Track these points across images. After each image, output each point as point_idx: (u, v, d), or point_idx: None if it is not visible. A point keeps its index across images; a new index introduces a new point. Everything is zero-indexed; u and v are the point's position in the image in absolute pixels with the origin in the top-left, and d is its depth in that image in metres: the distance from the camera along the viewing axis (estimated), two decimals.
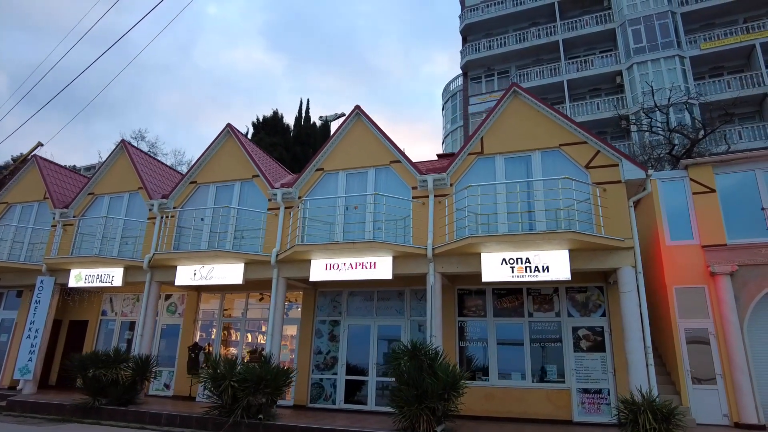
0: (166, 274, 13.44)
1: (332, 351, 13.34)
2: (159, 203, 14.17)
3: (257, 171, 13.61)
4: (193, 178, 14.39)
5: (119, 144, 15.81)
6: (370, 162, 12.74)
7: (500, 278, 10.55)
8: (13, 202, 16.75)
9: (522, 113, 11.84)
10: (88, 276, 14.22)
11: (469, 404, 10.52)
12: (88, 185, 15.70)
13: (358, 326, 13.36)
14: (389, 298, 13.34)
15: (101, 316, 16.27)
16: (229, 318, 14.90)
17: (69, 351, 16.11)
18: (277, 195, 12.98)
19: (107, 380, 12.08)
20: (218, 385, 10.51)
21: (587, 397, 11.22)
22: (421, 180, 11.84)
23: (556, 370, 11.63)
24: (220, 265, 12.70)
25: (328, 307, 13.81)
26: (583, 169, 11.08)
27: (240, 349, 14.35)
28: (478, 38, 34.84)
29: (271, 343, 11.97)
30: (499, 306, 12.43)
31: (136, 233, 14.61)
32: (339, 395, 12.87)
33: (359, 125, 13.14)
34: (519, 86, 11.98)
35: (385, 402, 12.43)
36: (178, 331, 14.97)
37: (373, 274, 11.46)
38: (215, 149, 14.43)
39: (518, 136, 11.69)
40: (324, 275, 11.85)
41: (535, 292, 12.27)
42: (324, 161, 13.18)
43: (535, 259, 10.42)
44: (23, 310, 15.76)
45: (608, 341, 11.40)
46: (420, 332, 12.75)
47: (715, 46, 27.25)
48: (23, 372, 14.02)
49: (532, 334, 12.00)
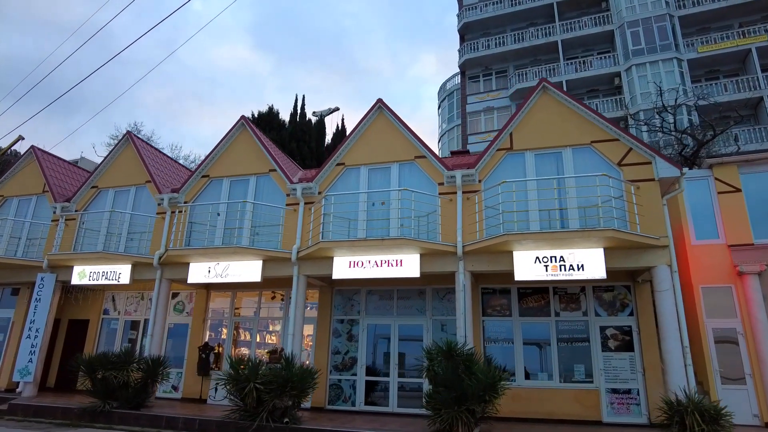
0: (177, 271, 12.90)
1: (351, 351, 12.97)
2: (169, 197, 13.60)
3: (274, 165, 13.16)
4: (205, 171, 13.86)
5: (124, 136, 15.17)
6: (393, 157, 12.41)
7: (534, 277, 10.34)
8: (9, 196, 15.96)
9: (551, 109, 11.65)
10: (92, 273, 13.58)
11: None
12: (91, 178, 15.02)
13: (378, 326, 13.01)
14: (409, 297, 13.02)
15: (103, 315, 15.60)
16: (239, 317, 14.40)
17: (68, 351, 15.44)
18: (296, 190, 12.55)
19: (118, 382, 11.54)
20: (242, 387, 10.05)
21: (616, 397, 11.08)
22: (449, 176, 11.55)
23: (584, 370, 11.46)
24: (236, 262, 12.22)
25: (345, 306, 13.43)
26: (615, 167, 10.92)
27: (253, 350, 13.88)
28: (476, 37, 34.76)
29: (292, 343, 11.55)
30: (525, 305, 12.21)
31: (143, 229, 14.02)
32: (359, 397, 12.51)
33: (381, 119, 12.79)
34: (548, 81, 11.79)
35: (408, 404, 12.19)
36: (186, 331, 14.41)
37: (399, 272, 11.13)
38: (228, 142, 13.92)
39: (548, 132, 11.50)
40: (347, 273, 11.48)
41: (562, 291, 12.09)
42: (345, 156, 12.80)
43: (569, 257, 10.24)
44: (20, 308, 15.02)
45: (636, 341, 11.27)
46: (443, 332, 12.48)
47: (713, 49, 27.59)
48: (23, 374, 13.32)
49: (558, 333, 11.81)
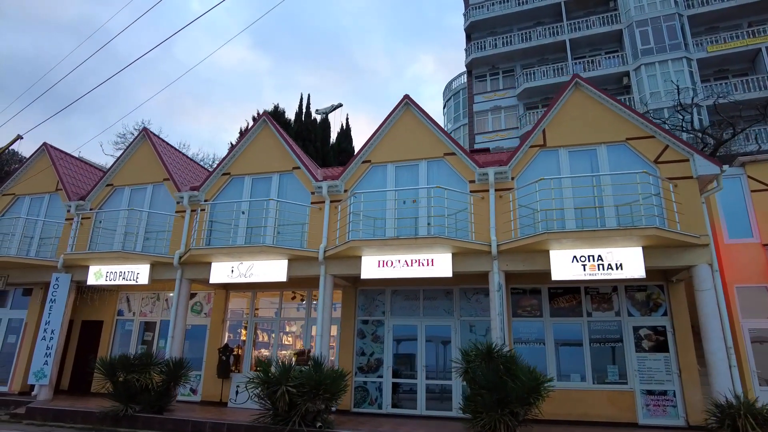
0: (198, 271, 12.59)
1: (376, 352, 12.70)
2: (189, 195, 13.28)
3: (298, 163, 12.88)
4: (225, 169, 13.54)
5: (140, 132, 14.83)
6: (421, 154, 12.15)
7: (571, 276, 10.13)
8: (20, 194, 15.56)
9: (585, 105, 11.44)
10: (109, 273, 13.24)
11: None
12: (106, 176, 14.66)
13: (404, 326, 12.75)
14: (436, 297, 12.77)
15: (117, 316, 15.24)
16: (258, 318, 14.09)
17: (82, 353, 15.10)
18: (322, 188, 12.27)
19: (140, 385, 11.21)
20: (273, 390, 9.75)
21: (652, 399, 10.87)
22: (481, 173, 11.31)
23: (617, 371, 11.25)
24: (261, 261, 11.92)
25: (369, 307, 13.16)
26: (652, 164, 10.72)
27: (275, 351, 13.58)
28: (483, 36, 34.62)
29: (320, 345, 11.26)
30: (556, 306, 11.99)
31: (160, 227, 13.69)
32: (385, 399, 12.24)
33: (408, 115, 12.54)
34: (581, 77, 11.58)
35: (436, 406, 11.94)
36: (205, 332, 14.09)
37: (430, 272, 10.89)
38: (249, 139, 13.61)
39: (582, 128, 11.28)
40: (376, 273, 11.22)
41: (593, 291, 11.88)
42: (371, 153, 12.53)
43: (607, 256, 10.03)
44: (33, 309, 14.64)
45: (671, 341, 11.08)
46: (471, 333, 12.24)
47: (722, 48, 27.53)
48: (38, 376, 12.95)
49: (591, 334, 11.60)
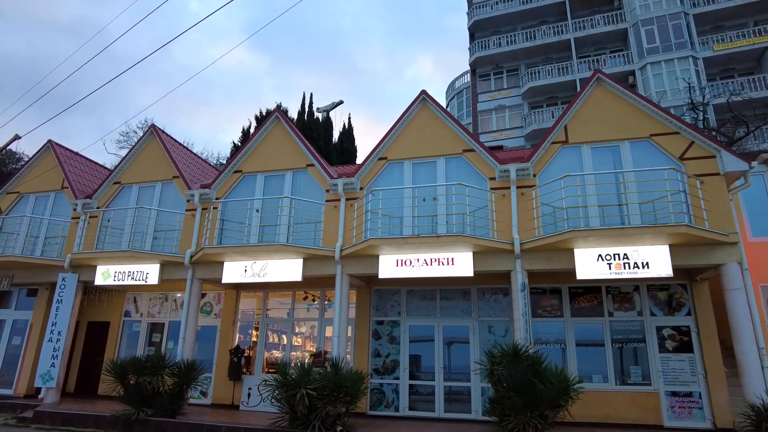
0: (210, 270, 12.29)
1: (392, 354, 12.43)
2: (200, 193, 12.99)
3: (312, 160, 12.61)
4: (237, 167, 13.25)
5: (148, 129, 14.51)
6: (439, 151, 11.90)
7: (597, 275, 9.92)
8: (25, 192, 15.21)
9: (607, 101, 11.24)
10: (118, 273, 12.93)
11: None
12: (113, 174, 14.34)
13: (420, 327, 12.49)
14: (453, 297, 12.52)
15: (124, 317, 14.91)
16: (269, 318, 13.81)
17: (88, 355, 14.78)
18: (338, 185, 12.00)
19: (152, 388, 10.91)
20: (292, 393, 9.47)
21: (677, 400, 10.65)
22: (502, 170, 11.08)
23: (640, 372, 11.03)
24: (275, 260, 11.64)
25: (384, 307, 12.89)
26: (677, 161, 10.51)
27: (288, 352, 13.29)
28: (486, 35, 34.45)
29: (338, 346, 10.99)
30: (576, 305, 11.77)
31: (170, 226, 13.38)
32: (402, 401, 11.97)
33: (425, 111, 12.29)
34: (603, 73, 11.38)
35: (454, 408, 11.70)
36: (215, 334, 13.79)
37: (450, 272, 10.64)
38: (262, 136, 13.33)
39: (605, 125, 11.07)
40: (394, 272, 10.96)
41: (615, 290, 11.66)
42: (387, 150, 12.27)
43: (633, 254, 9.81)
44: (38, 310, 14.30)
45: (696, 342, 10.86)
46: (490, 333, 12.00)
47: (729, 47, 27.43)
48: (45, 379, 12.62)
49: (613, 334, 11.37)
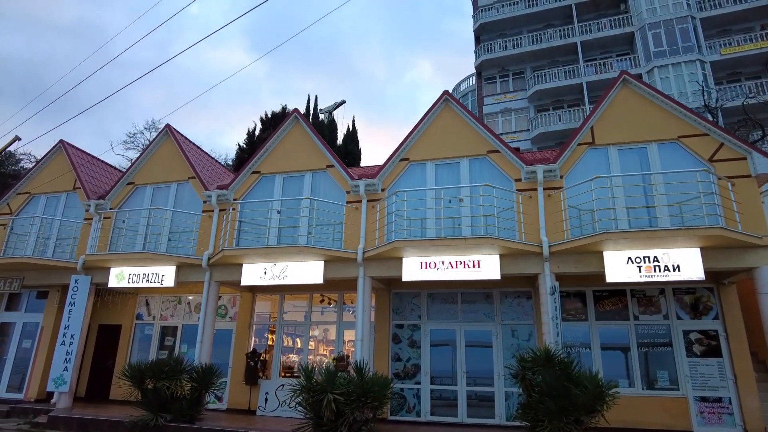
0: (227, 272, 12.07)
1: (413, 358, 12.23)
2: (217, 195, 12.77)
3: (333, 161, 12.43)
4: (255, 168, 13.05)
5: (163, 129, 14.29)
6: (462, 152, 11.74)
7: (627, 278, 9.77)
8: (36, 193, 14.96)
9: (633, 102, 11.10)
10: (132, 275, 12.69)
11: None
12: (126, 174, 14.11)
13: (442, 331, 12.30)
14: (475, 301, 12.34)
15: (136, 320, 14.65)
16: (286, 321, 13.59)
17: (99, 359, 14.52)
18: (359, 187, 11.82)
19: (171, 393, 10.67)
20: (319, 399, 9.25)
21: (706, 406, 10.48)
22: (529, 171, 10.93)
23: (668, 377, 10.87)
24: (296, 263, 11.44)
25: (404, 310, 12.70)
26: (706, 162, 10.38)
27: (305, 356, 13.08)
28: (492, 38, 34.42)
29: (361, 350, 10.78)
30: (601, 309, 11.60)
31: (186, 227, 13.14)
32: (424, 406, 11.77)
33: (448, 112, 12.13)
34: (629, 74, 11.25)
35: (478, 413, 11.50)
36: (230, 337, 13.55)
37: (476, 274, 10.46)
38: (280, 137, 13.16)
39: (631, 126, 10.94)
40: (418, 275, 10.77)
41: (640, 293, 11.51)
42: (409, 150, 12.10)
43: (664, 257, 9.66)
44: (49, 313, 14.02)
45: (724, 346, 10.71)
46: (514, 337, 11.82)
47: (736, 51, 27.44)
48: (58, 383, 12.35)
49: (639, 338, 11.21)
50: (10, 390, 13.65)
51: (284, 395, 12.54)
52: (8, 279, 13.72)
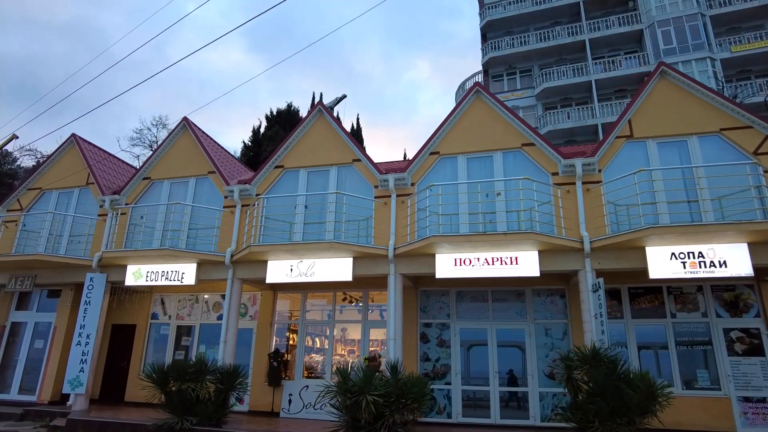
0: (252, 270, 11.68)
1: (442, 358, 11.89)
2: (240, 189, 12.37)
3: (359, 155, 12.06)
4: (278, 162, 12.66)
5: (181, 123, 13.86)
6: (496, 145, 11.42)
7: (670, 275, 9.47)
8: (47, 188, 14.48)
9: (672, 94, 10.82)
10: (150, 273, 12.26)
11: None
12: (143, 169, 13.68)
13: (472, 330, 11.96)
14: (506, 299, 12.01)
15: (151, 319, 14.21)
16: (309, 321, 13.22)
17: (112, 360, 14.06)
18: (388, 181, 11.47)
19: (196, 395, 10.26)
20: (356, 400, 8.87)
21: (750, 406, 10.20)
22: (566, 165, 10.61)
23: (708, 376, 10.58)
24: (323, 259, 11.06)
25: (432, 309, 12.35)
26: (750, 155, 10.11)
27: (329, 356, 12.70)
28: (499, 35, 34.18)
29: (394, 349, 10.42)
30: (636, 306, 11.31)
31: (205, 224, 12.72)
32: (455, 408, 11.43)
33: (479, 104, 11.80)
34: (668, 65, 10.96)
35: (510, 414, 11.18)
36: (251, 337, 13.15)
37: (514, 271, 10.13)
38: (304, 130, 12.78)
39: (671, 119, 10.66)
40: (452, 272, 10.43)
41: (676, 291, 11.22)
42: (439, 144, 11.76)
43: (709, 253, 9.37)
44: (62, 312, 13.56)
45: (767, 345, 10.44)
46: (547, 336, 11.51)
47: (746, 49, 27.32)
48: (74, 385, 11.90)
49: (677, 336, 10.92)
50: (22, 392, 13.18)
51: (309, 396, 12.20)
52: (20, 277, 13.25)
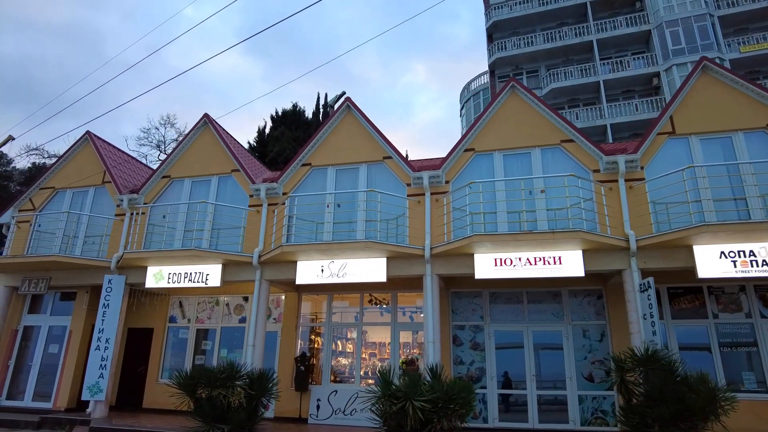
0: (280, 271, 11.27)
1: (477, 361, 11.54)
2: (266, 188, 11.97)
3: (390, 152, 11.71)
4: (305, 160, 12.27)
5: (201, 120, 13.42)
6: (534, 141, 11.11)
7: (720, 274, 9.20)
8: (60, 188, 13.98)
9: (715, 90, 10.58)
10: (172, 274, 11.81)
11: None
12: (162, 167, 13.22)
13: (507, 332, 11.63)
14: (542, 300, 11.69)
15: (169, 323, 13.75)
16: (335, 323, 12.83)
17: (129, 365, 13.57)
18: (422, 179, 11.12)
19: (227, 402, 9.83)
20: (403, 407, 8.48)
21: None
22: (608, 162, 10.32)
23: (754, 378, 10.32)
24: (356, 260, 10.69)
25: (465, 311, 12.01)
26: None
27: (358, 360, 12.31)
28: (505, 36, 34.02)
29: (432, 353, 10.06)
30: (676, 307, 11.03)
31: (230, 223, 12.30)
32: (492, 412, 11.08)
33: (515, 100, 11.51)
34: (710, 60, 10.72)
35: (548, 418, 10.85)
36: (275, 340, 12.73)
37: (558, 272, 9.80)
38: (331, 128, 12.39)
39: (714, 114, 10.41)
40: (492, 272, 10.09)
41: (718, 291, 10.96)
42: (474, 141, 11.44)
43: (761, 251, 9.10)
44: (78, 315, 13.06)
45: None
46: (585, 338, 11.20)
47: (756, 49, 27.32)
48: (94, 391, 11.41)
49: (719, 337, 10.65)
50: (37, 398, 12.67)
51: (338, 402, 11.82)
52: (33, 279, 12.74)
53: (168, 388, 12.12)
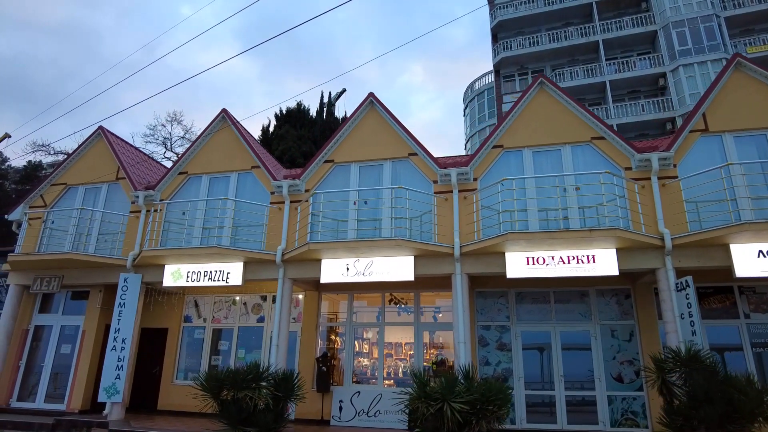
0: (304, 269, 11.03)
1: (503, 362, 11.34)
2: (288, 185, 11.70)
3: (416, 149, 11.48)
4: (328, 156, 12.02)
5: (219, 116, 13.12)
6: (563, 138, 10.92)
7: (759, 273, 9.11)
8: (73, 184, 13.62)
9: (749, 87, 10.45)
10: (191, 273, 11.53)
11: None
12: (179, 163, 12.91)
13: (534, 333, 11.44)
14: (569, 300, 11.52)
15: (184, 322, 13.44)
16: (357, 323, 12.60)
17: (143, 365, 13.24)
18: (450, 176, 10.90)
19: (254, 404, 9.55)
20: (441, 408, 8.25)
21: None
22: (641, 159, 10.16)
23: None
24: (383, 258, 10.46)
25: (490, 311, 11.80)
26: None
27: (381, 361, 12.07)
28: (510, 36, 33.92)
29: (464, 354, 9.84)
30: (706, 306, 10.89)
31: (250, 220, 12.00)
32: (519, 413, 10.88)
33: (543, 96, 11.30)
34: (743, 56, 10.58)
35: (576, 419, 10.68)
36: (294, 340, 12.46)
37: (591, 270, 9.62)
38: (354, 124, 12.13)
39: (748, 112, 10.27)
40: (525, 271, 9.90)
41: (749, 290, 10.83)
42: (502, 137, 11.23)
43: None
44: (91, 315, 12.71)
45: None
46: (613, 338, 11.03)
47: (763, 50, 27.34)
48: (110, 393, 11.10)
49: (752, 337, 10.52)
50: (49, 400, 12.32)
51: (361, 403, 11.58)
52: (45, 278, 12.40)
53: (185, 389, 11.93)
